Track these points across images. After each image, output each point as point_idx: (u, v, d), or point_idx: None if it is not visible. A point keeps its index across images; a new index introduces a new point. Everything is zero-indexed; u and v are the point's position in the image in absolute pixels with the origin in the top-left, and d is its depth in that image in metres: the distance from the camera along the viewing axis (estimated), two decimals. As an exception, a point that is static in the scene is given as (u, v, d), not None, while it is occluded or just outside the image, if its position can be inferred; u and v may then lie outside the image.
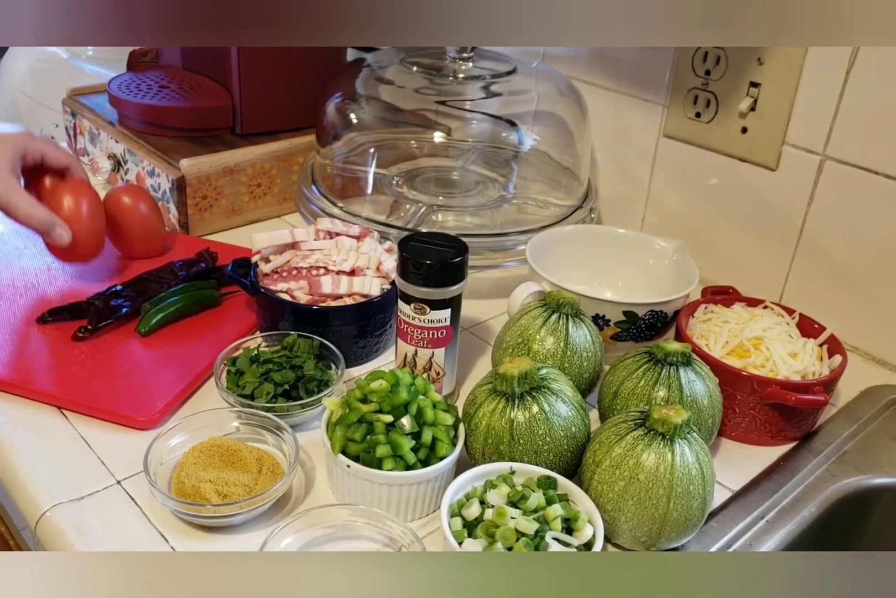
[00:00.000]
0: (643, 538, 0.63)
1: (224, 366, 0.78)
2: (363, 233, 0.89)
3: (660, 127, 1.02)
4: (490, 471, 0.64)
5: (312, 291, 0.83)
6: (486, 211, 1.03)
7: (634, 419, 0.64)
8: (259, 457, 0.69)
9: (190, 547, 0.63)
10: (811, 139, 0.88)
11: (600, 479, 0.63)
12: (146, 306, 0.86)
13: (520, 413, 0.65)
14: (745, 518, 0.69)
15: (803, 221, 0.92)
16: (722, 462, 0.75)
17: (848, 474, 0.75)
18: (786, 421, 0.76)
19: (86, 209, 0.88)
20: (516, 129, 1.07)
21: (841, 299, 0.91)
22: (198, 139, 1.09)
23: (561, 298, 0.76)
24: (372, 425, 0.65)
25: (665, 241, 0.91)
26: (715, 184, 0.99)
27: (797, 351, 0.78)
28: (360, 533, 0.64)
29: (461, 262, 0.73)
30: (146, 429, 0.74)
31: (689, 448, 0.62)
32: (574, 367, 0.75)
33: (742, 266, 0.99)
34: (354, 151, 1.07)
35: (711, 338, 0.80)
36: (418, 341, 0.76)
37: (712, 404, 0.70)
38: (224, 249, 1.00)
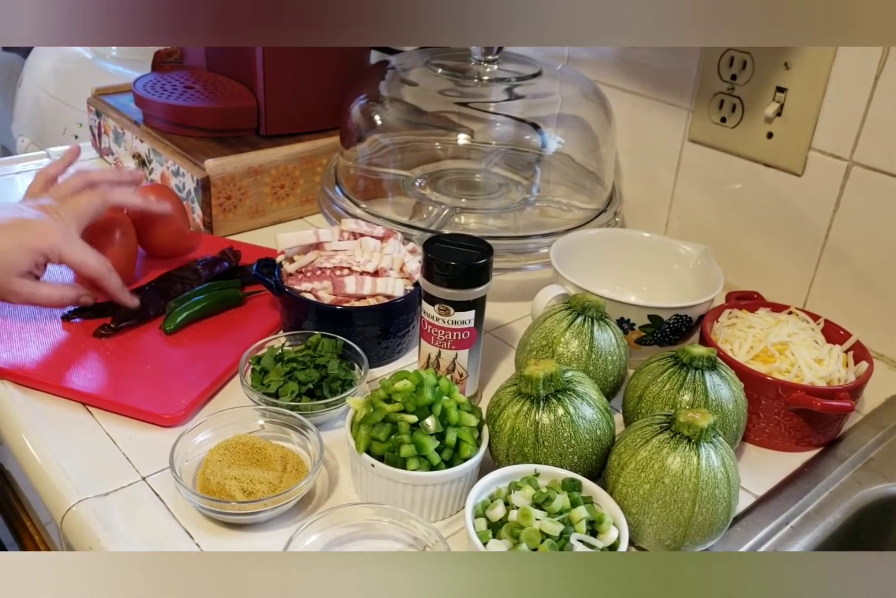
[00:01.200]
0: (667, 542, 0.63)
1: (249, 364, 0.78)
2: (387, 234, 0.90)
3: (685, 131, 1.02)
4: (514, 473, 0.64)
5: (336, 292, 0.83)
6: (509, 214, 1.03)
7: (660, 423, 0.64)
8: (284, 455, 0.69)
9: (214, 544, 0.63)
10: (838, 145, 0.88)
11: (625, 482, 0.63)
12: (171, 304, 0.86)
13: (545, 416, 0.65)
14: (769, 524, 0.69)
15: (829, 227, 0.91)
16: (746, 467, 0.75)
17: (874, 482, 0.75)
18: (811, 427, 0.76)
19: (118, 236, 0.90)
20: (540, 131, 1.07)
21: (866, 306, 0.91)
22: (222, 140, 1.09)
23: (586, 300, 0.76)
24: (396, 425, 0.65)
25: (689, 245, 0.91)
26: (739, 189, 0.99)
27: (823, 357, 0.77)
28: (385, 533, 0.64)
29: (486, 263, 0.73)
30: (171, 426, 0.74)
31: (714, 452, 0.62)
32: (599, 370, 0.75)
33: (766, 272, 0.99)
34: (378, 152, 1.07)
35: (736, 343, 0.79)
36: (442, 343, 0.76)
37: (737, 409, 0.70)
38: (248, 249, 1.01)
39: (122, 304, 0.85)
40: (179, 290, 0.89)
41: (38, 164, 1.27)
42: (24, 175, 1.23)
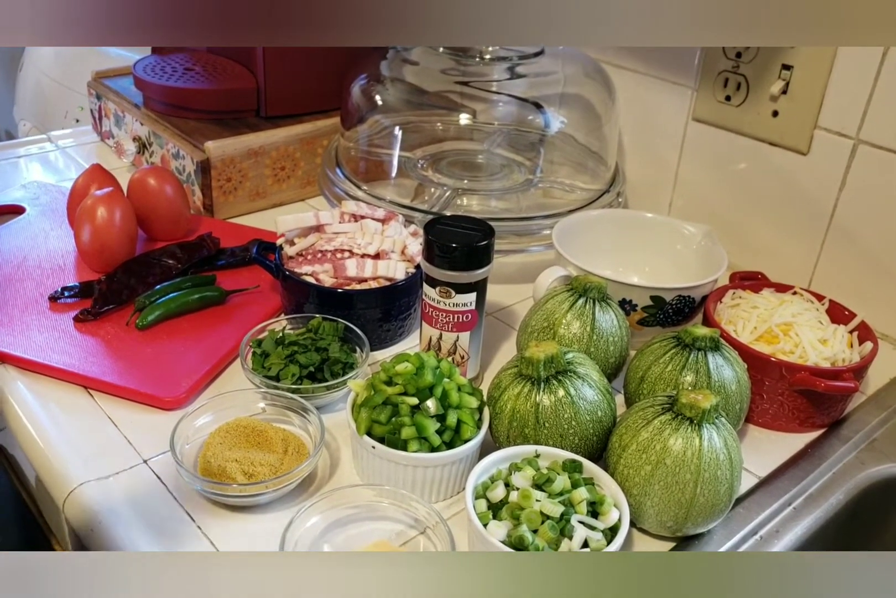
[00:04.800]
0: (669, 523, 0.62)
1: (249, 348, 0.78)
2: (388, 216, 0.89)
3: (689, 110, 1.01)
4: (515, 454, 0.64)
5: (337, 275, 0.82)
6: (512, 195, 1.02)
7: (662, 404, 0.63)
8: (285, 438, 0.69)
9: (215, 526, 0.63)
10: (844, 123, 0.87)
11: (626, 463, 0.62)
12: (141, 299, 0.84)
13: (545, 397, 0.65)
14: (772, 505, 0.69)
15: (834, 206, 0.91)
16: (749, 449, 0.74)
17: (877, 462, 0.74)
18: (814, 408, 0.75)
19: (118, 218, 0.89)
20: (542, 111, 1.06)
21: (872, 286, 0.90)
22: (222, 122, 1.09)
23: (588, 282, 0.75)
24: (397, 407, 0.65)
25: (693, 226, 0.90)
26: (744, 168, 0.98)
27: (827, 337, 0.77)
28: (386, 514, 0.64)
29: (487, 245, 0.72)
30: (172, 409, 0.74)
31: (717, 433, 0.61)
32: (600, 351, 0.74)
33: (771, 252, 0.98)
34: (379, 133, 1.06)
35: (739, 323, 0.79)
36: (443, 325, 0.75)
37: (740, 390, 0.70)
38: (248, 232, 1.00)
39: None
40: (157, 274, 0.89)
41: (41, 147, 1.27)
42: (26, 159, 1.23)
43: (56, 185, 1.11)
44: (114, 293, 0.85)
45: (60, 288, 0.86)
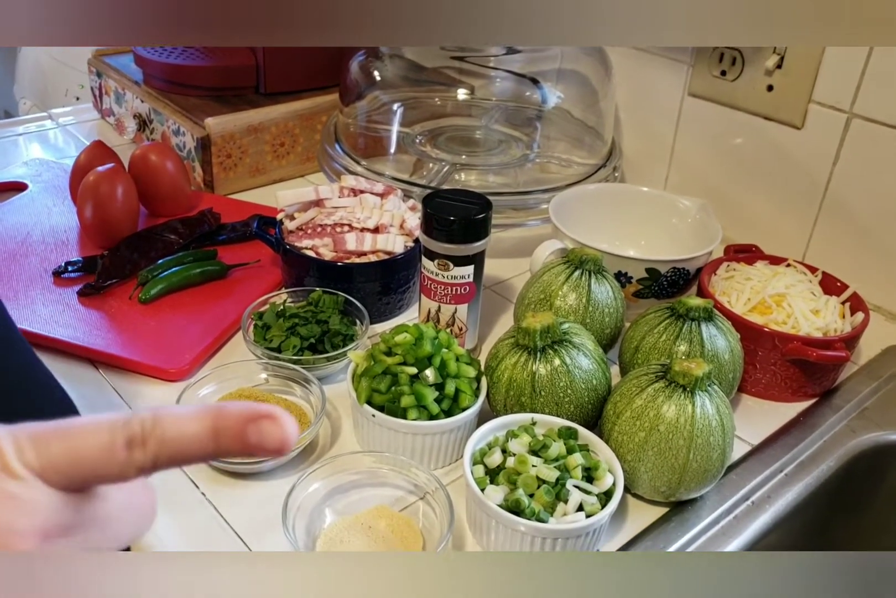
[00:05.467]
0: (663, 488, 0.64)
1: (251, 320, 0.79)
2: (387, 190, 0.90)
3: (684, 85, 1.01)
4: (512, 421, 0.66)
5: (337, 248, 0.84)
6: (509, 170, 1.03)
7: (655, 372, 0.65)
8: (287, 407, 0.70)
9: (219, 493, 0.65)
10: (838, 97, 0.88)
11: (621, 430, 0.64)
12: (144, 274, 0.85)
13: (542, 366, 0.66)
14: (763, 471, 0.70)
15: (828, 179, 0.91)
16: (742, 417, 0.76)
17: (868, 430, 0.76)
18: (806, 377, 0.77)
19: (120, 194, 0.90)
20: (539, 87, 1.06)
21: (865, 259, 0.91)
22: (222, 98, 1.09)
23: (584, 254, 0.76)
24: (396, 376, 0.66)
25: (688, 200, 0.91)
26: (739, 143, 0.98)
27: (819, 308, 0.78)
28: (386, 480, 0.65)
29: (485, 218, 0.73)
30: (175, 381, 0.75)
31: (709, 400, 0.63)
32: (596, 323, 0.76)
33: (766, 226, 0.99)
34: (378, 109, 1.07)
35: (733, 295, 0.80)
36: (441, 297, 0.77)
37: (733, 359, 0.71)
38: (248, 207, 1.01)
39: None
40: (160, 249, 0.90)
41: (41, 125, 1.27)
42: (26, 137, 1.24)
43: (58, 162, 1.12)
44: (117, 268, 0.86)
45: (64, 263, 0.87)
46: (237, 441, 0.30)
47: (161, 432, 0.29)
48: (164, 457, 0.29)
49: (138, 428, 0.29)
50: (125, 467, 0.29)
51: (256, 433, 0.30)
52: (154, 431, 0.29)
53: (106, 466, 0.29)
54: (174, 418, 0.30)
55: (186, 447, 0.30)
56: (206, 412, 0.30)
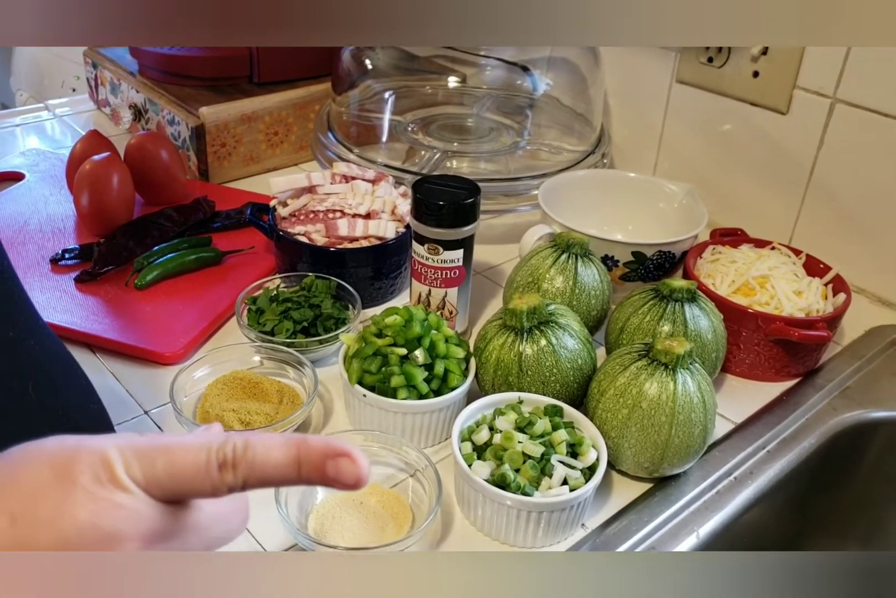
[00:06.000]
0: (646, 464, 0.66)
1: (245, 305, 0.81)
2: (378, 177, 0.91)
3: (672, 72, 1.03)
4: (499, 400, 0.67)
5: (329, 234, 0.85)
6: (500, 157, 1.04)
7: (638, 351, 0.66)
8: (280, 389, 0.72)
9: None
10: (822, 82, 0.89)
11: (604, 407, 0.65)
12: (139, 260, 0.87)
13: (528, 346, 0.68)
14: (746, 448, 0.72)
15: (813, 164, 0.93)
16: (726, 397, 0.77)
17: (849, 408, 0.77)
18: (790, 357, 0.78)
19: (116, 183, 0.91)
20: (529, 74, 1.08)
21: (849, 242, 0.92)
22: (216, 88, 1.11)
23: (571, 238, 0.78)
24: (387, 357, 0.68)
25: (675, 184, 0.93)
26: (727, 128, 1.00)
27: (802, 289, 0.79)
28: (377, 458, 0.67)
29: (473, 203, 0.75)
30: (171, 364, 0.77)
31: (691, 378, 0.64)
32: (582, 305, 0.77)
33: (752, 210, 1.00)
34: (370, 98, 1.08)
35: (718, 277, 0.82)
36: (432, 281, 0.78)
37: (716, 339, 0.73)
38: (242, 195, 1.03)
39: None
40: (155, 236, 0.91)
41: (37, 116, 1.28)
42: (23, 128, 1.25)
43: (54, 152, 1.13)
44: (113, 255, 0.88)
45: (61, 250, 0.89)
46: (317, 473, 0.33)
47: (251, 456, 0.33)
48: (252, 480, 0.33)
49: (231, 452, 0.33)
50: (218, 486, 0.33)
51: (334, 469, 0.33)
52: (245, 455, 0.33)
53: (201, 484, 0.33)
54: (263, 446, 0.33)
55: (272, 473, 0.33)
56: (292, 442, 0.33)
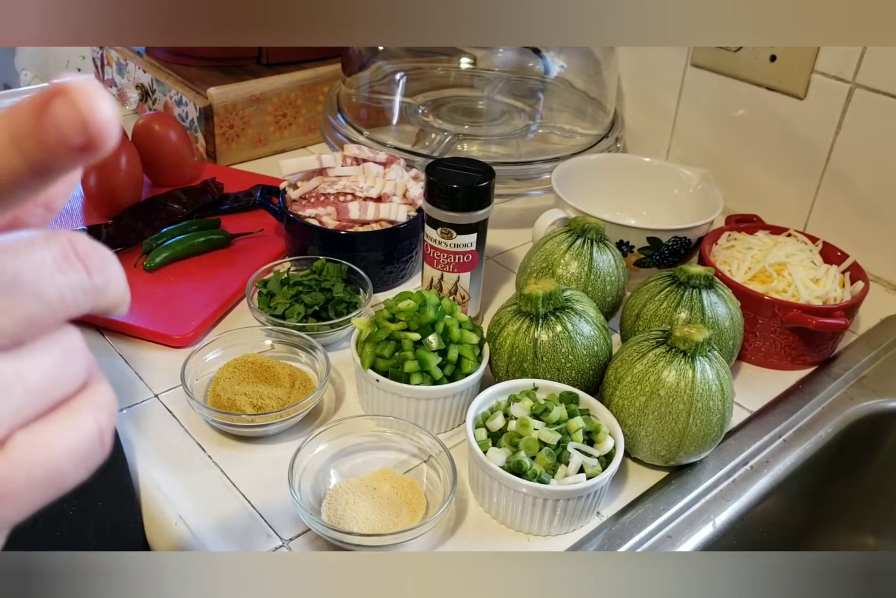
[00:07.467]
0: (662, 452, 0.65)
1: (255, 288, 0.80)
2: (390, 160, 0.90)
3: (687, 56, 1.01)
4: (514, 387, 0.66)
5: (340, 217, 0.84)
6: (512, 140, 1.03)
7: (656, 338, 0.65)
8: (292, 373, 0.71)
9: (225, 456, 0.66)
10: (841, 67, 0.88)
11: (622, 395, 0.64)
12: (148, 242, 0.86)
13: (543, 332, 0.67)
14: (762, 437, 0.71)
15: (830, 150, 0.92)
16: (742, 385, 0.77)
17: (865, 398, 0.77)
18: (806, 345, 0.77)
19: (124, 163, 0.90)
20: (542, 57, 1.06)
21: (865, 230, 0.91)
22: (224, 69, 1.09)
23: (586, 223, 0.77)
24: (400, 342, 0.67)
25: (690, 170, 0.92)
26: (742, 113, 0.98)
27: (819, 277, 0.79)
28: (390, 443, 0.66)
29: (488, 186, 0.74)
30: (181, 347, 0.76)
31: (709, 366, 0.63)
32: (597, 291, 0.76)
33: (767, 196, 0.99)
34: (381, 80, 1.07)
35: (734, 264, 0.81)
36: (444, 266, 0.77)
37: (734, 327, 0.72)
38: (251, 177, 1.02)
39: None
40: (163, 218, 0.90)
41: (42, 96, 1.27)
42: (27, 107, 1.24)
43: (60, 132, 1.12)
44: (121, 236, 0.87)
45: (69, 231, 0.87)
46: (37, 141, 0.22)
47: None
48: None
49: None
50: None
51: (52, 120, 0.22)
52: None
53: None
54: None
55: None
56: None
